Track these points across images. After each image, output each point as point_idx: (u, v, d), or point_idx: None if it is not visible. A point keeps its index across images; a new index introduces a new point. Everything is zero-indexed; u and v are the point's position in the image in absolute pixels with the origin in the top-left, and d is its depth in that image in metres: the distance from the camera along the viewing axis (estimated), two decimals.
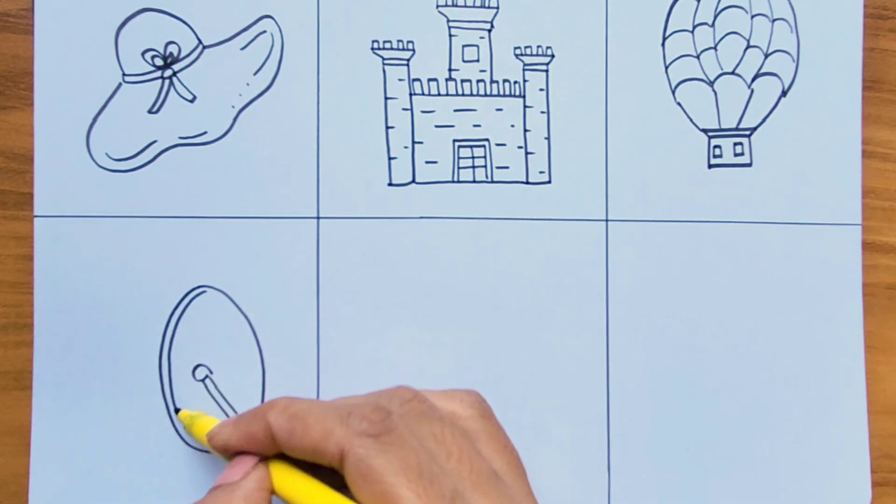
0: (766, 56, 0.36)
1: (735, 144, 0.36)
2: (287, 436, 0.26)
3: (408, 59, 0.34)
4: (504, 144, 0.35)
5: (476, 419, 0.29)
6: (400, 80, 0.34)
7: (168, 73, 0.33)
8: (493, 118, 0.35)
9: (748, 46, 0.36)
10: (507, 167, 0.35)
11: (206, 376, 0.33)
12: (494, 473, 0.27)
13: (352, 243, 0.34)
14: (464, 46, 0.35)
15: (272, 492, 0.27)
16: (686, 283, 0.35)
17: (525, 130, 0.35)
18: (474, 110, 0.35)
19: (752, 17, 0.36)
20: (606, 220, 0.35)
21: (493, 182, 0.34)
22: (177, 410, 0.33)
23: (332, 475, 0.27)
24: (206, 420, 0.31)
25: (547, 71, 0.35)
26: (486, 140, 0.35)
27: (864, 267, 0.36)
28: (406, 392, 0.28)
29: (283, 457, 0.28)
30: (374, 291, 0.34)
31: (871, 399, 0.36)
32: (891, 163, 0.37)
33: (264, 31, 0.34)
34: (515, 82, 0.35)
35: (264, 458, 0.28)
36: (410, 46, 0.34)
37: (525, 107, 0.35)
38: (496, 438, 0.29)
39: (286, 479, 0.27)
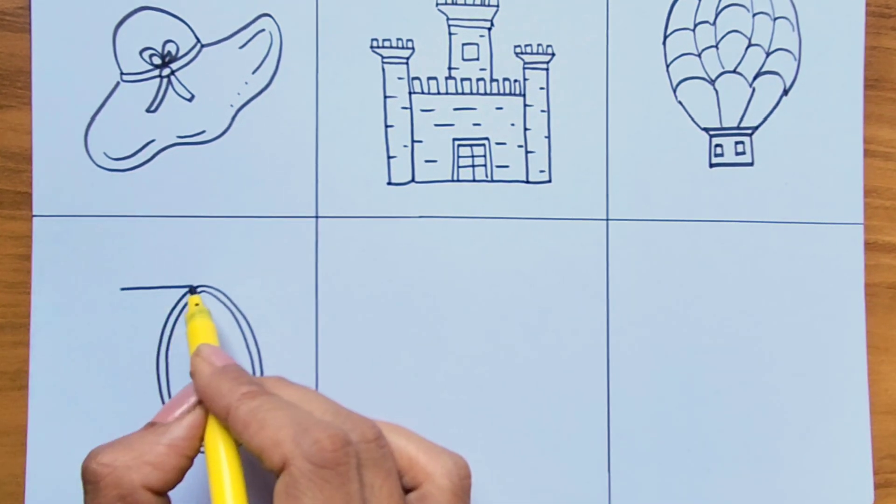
0: (768, 54, 0.36)
1: (736, 143, 0.35)
2: (241, 428, 0.26)
3: (407, 58, 0.34)
4: (504, 143, 0.34)
5: (444, 492, 0.27)
6: (399, 78, 0.34)
7: (166, 71, 0.33)
8: (493, 117, 0.34)
9: (750, 45, 0.36)
10: (507, 166, 0.34)
11: None
12: None
13: (351, 243, 0.33)
14: (463, 45, 0.34)
15: (201, 440, 0.27)
16: (687, 282, 0.35)
17: (525, 129, 0.35)
18: (474, 109, 0.34)
19: (754, 15, 0.36)
20: (607, 220, 0.35)
21: (492, 181, 0.34)
22: (192, 290, 0.32)
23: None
24: (206, 325, 0.30)
25: (547, 69, 0.35)
26: (486, 139, 0.34)
27: (866, 266, 0.36)
28: (370, 430, 0.26)
29: None
30: (373, 291, 0.33)
31: (873, 399, 0.36)
32: (893, 162, 0.37)
33: (263, 30, 0.33)
34: (515, 81, 0.35)
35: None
36: (410, 45, 0.34)
37: (525, 105, 0.35)
38: None
39: (216, 442, 0.26)
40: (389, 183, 0.34)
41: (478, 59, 0.34)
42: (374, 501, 0.25)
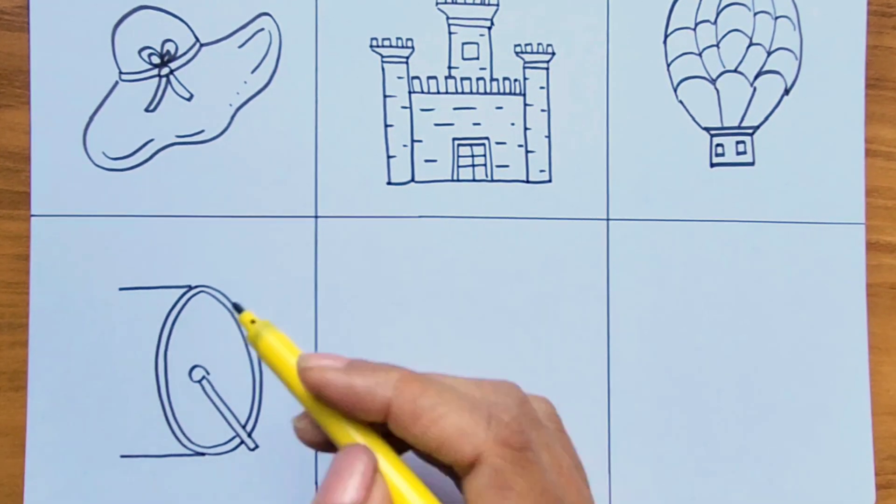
0: (769, 54, 0.36)
1: (737, 143, 0.35)
2: (410, 421, 0.22)
3: (407, 57, 0.34)
4: (504, 143, 0.34)
5: (555, 432, 0.26)
6: (399, 77, 0.34)
7: (165, 71, 0.33)
8: (493, 116, 0.34)
9: (751, 44, 0.36)
10: (507, 166, 0.34)
11: (203, 377, 0.33)
12: (585, 484, 0.25)
13: (350, 243, 0.33)
14: (463, 44, 0.34)
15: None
16: (687, 282, 0.35)
17: (525, 129, 0.34)
18: (474, 108, 0.34)
19: (755, 14, 0.35)
20: (607, 220, 0.34)
21: (492, 181, 0.34)
22: (238, 309, 0.25)
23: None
24: (280, 338, 0.24)
25: (547, 69, 0.35)
26: (486, 138, 0.34)
27: (867, 267, 0.36)
28: (517, 392, 0.24)
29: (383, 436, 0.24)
30: (372, 291, 0.33)
31: (874, 400, 0.36)
32: (894, 161, 0.37)
33: (262, 29, 0.33)
34: (515, 80, 0.34)
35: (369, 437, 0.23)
36: (409, 44, 0.34)
37: (525, 105, 0.35)
38: (571, 453, 0.26)
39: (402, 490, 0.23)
40: (389, 182, 0.34)
41: (478, 58, 0.34)
42: (554, 461, 0.24)
